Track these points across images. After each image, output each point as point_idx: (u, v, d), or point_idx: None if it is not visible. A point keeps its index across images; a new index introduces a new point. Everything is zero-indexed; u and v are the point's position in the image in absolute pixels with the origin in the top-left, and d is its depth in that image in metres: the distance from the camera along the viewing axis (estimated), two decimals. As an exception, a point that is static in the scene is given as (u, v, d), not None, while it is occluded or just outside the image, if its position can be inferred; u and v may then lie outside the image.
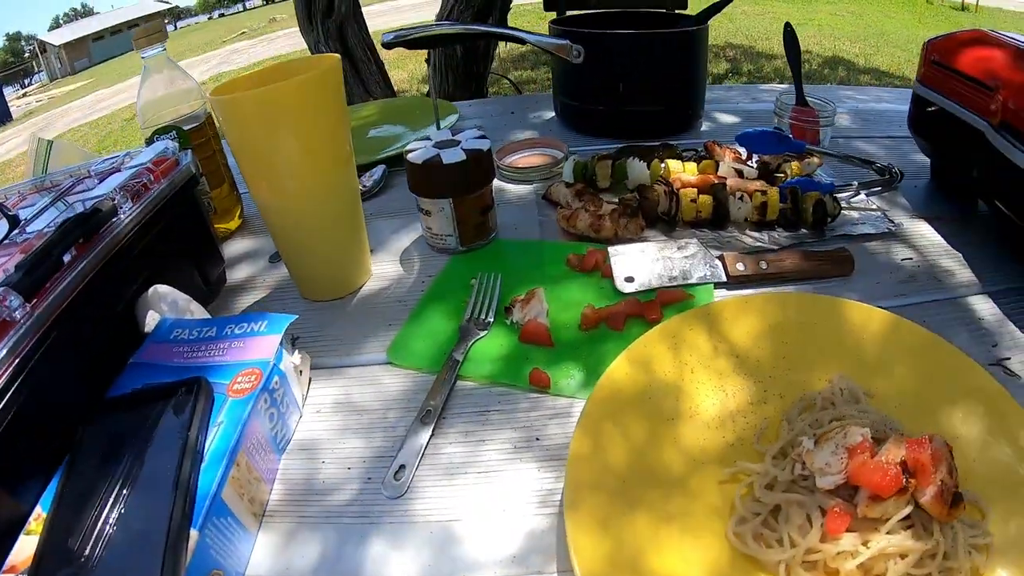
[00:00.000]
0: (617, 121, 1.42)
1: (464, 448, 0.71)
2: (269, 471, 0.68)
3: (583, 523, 0.57)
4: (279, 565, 0.60)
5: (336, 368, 0.83)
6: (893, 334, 0.74)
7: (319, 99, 0.83)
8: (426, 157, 0.96)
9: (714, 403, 0.71)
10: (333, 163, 0.88)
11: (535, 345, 0.82)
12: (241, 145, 0.84)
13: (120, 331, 0.77)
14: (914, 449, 0.57)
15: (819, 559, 0.56)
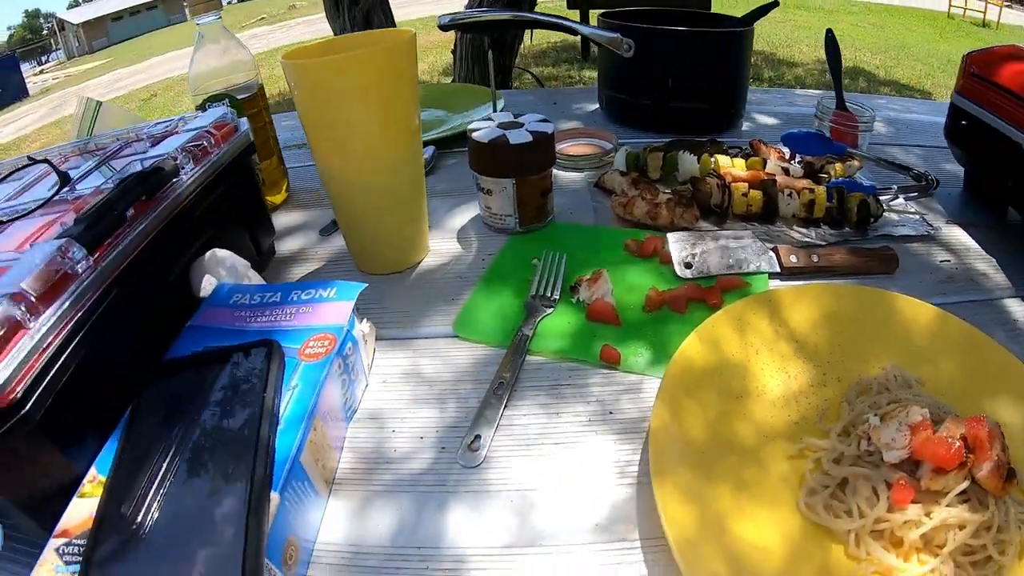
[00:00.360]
0: (664, 116, 1.44)
1: (538, 420, 0.72)
2: (338, 438, 0.68)
3: (669, 491, 0.59)
4: (354, 532, 0.61)
5: (400, 340, 0.85)
6: (939, 328, 0.77)
7: (397, 70, 0.84)
8: (492, 136, 0.98)
9: (778, 384, 0.74)
10: (405, 135, 0.89)
11: (602, 324, 0.84)
12: (313, 112, 0.84)
13: (177, 294, 0.77)
14: (972, 426, 0.60)
15: (886, 528, 0.59)
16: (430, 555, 0.58)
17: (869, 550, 0.58)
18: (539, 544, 0.60)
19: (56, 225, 0.67)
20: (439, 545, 0.59)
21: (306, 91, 0.83)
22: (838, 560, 0.59)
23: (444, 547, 0.59)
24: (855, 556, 0.58)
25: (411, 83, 0.88)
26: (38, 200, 0.76)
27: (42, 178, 0.85)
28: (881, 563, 0.57)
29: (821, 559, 0.59)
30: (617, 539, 0.60)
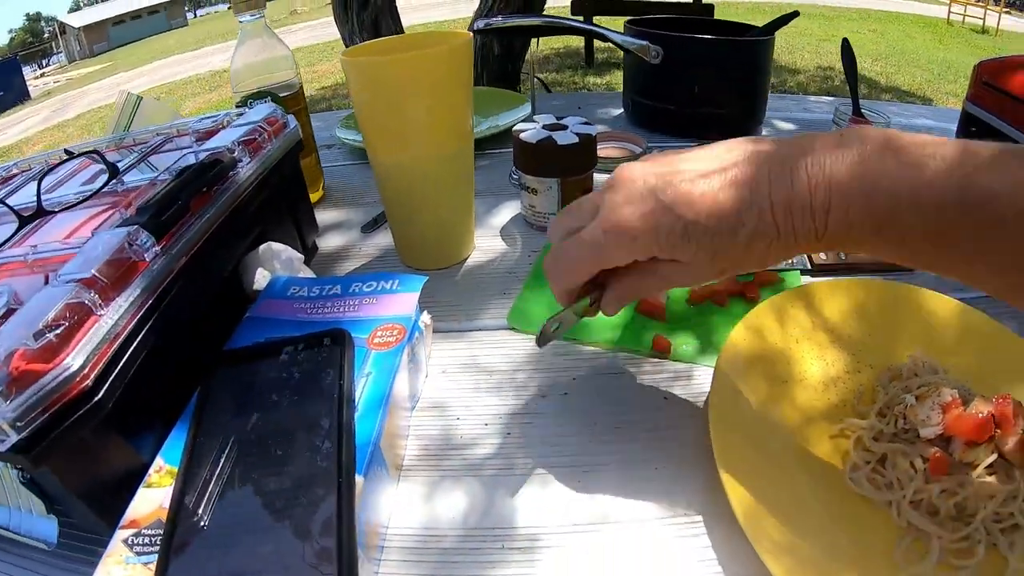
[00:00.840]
0: (689, 121, 1.48)
1: (598, 406, 0.76)
2: (404, 427, 0.70)
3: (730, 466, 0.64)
4: (426, 516, 0.63)
5: (456, 332, 0.88)
6: (961, 320, 0.83)
7: (455, 70, 0.88)
8: (539, 137, 1.02)
9: (817, 370, 0.79)
10: (459, 134, 0.93)
11: (650, 318, 0.88)
12: (375, 108, 0.87)
13: (234, 286, 0.79)
14: (1000, 404, 0.66)
15: (924, 498, 0.64)
16: (505, 535, 0.61)
17: (910, 519, 0.63)
18: (608, 521, 0.63)
19: (112, 214, 0.68)
20: (514, 524, 0.62)
21: (366, 87, 0.87)
22: (882, 529, 0.64)
23: (518, 526, 0.62)
24: (896, 524, 0.64)
25: (467, 83, 0.92)
26: (82, 192, 0.79)
27: (77, 172, 0.89)
28: (922, 530, 0.62)
29: (867, 528, 0.64)
30: (681, 515, 0.64)
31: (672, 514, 0.64)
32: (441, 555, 0.59)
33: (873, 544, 0.63)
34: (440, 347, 0.86)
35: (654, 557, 0.61)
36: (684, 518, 0.64)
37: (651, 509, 0.65)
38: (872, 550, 0.62)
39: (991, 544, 0.62)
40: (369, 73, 0.86)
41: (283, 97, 1.14)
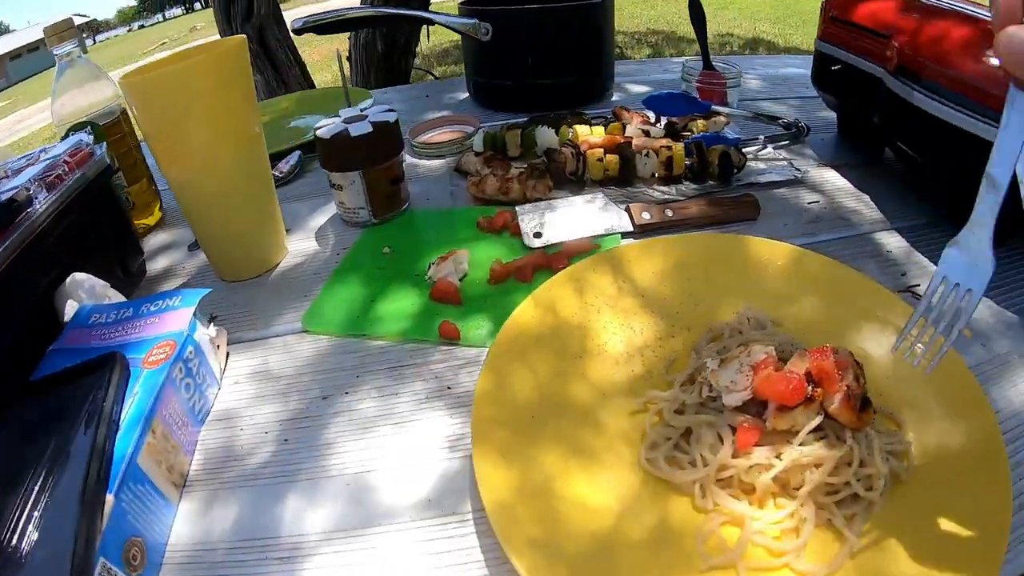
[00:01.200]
0: (528, 95, 1.44)
1: (377, 403, 0.72)
2: (188, 442, 0.68)
3: (490, 456, 0.58)
4: (199, 531, 0.60)
5: (254, 340, 0.84)
6: (797, 265, 0.77)
7: (224, 77, 0.84)
8: (334, 132, 0.97)
9: (621, 340, 0.73)
10: (240, 141, 0.89)
11: (445, 303, 0.84)
12: (151, 126, 0.84)
13: (40, 320, 0.77)
14: (816, 358, 0.59)
15: (733, 475, 0.57)
16: (269, 544, 0.59)
17: (716, 500, 0.57)
18: (374, 524, 0.60)
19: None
20: (278, 534, 0.59)
21: (140, 106, 0.83)
22: (684, 515, 0.57)
23: (282, 535, 0.59)
24: (702, 508, 0.57)
25: (245, 88, 0.88)
26: None
27: None
28: (730, 512, 0.56)
29: (663, 514, 0.57)
30: (448, 513, 0.60)
31: (439, 512, 0.60)
32: (209, 569, 0.57)
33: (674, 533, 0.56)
34: (237, 357, 0.82)
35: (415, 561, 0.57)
36: (452, 516, 0.60)
37: (418, 510, 0.61)
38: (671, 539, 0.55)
39: (826, 520, 0.55)
40: (140, 92, 0.82)
41: (104, 125, 1.09)
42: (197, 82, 0.81)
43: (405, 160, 1.20)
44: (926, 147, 0.91)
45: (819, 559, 0.53)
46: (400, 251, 0.96)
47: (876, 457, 0.56)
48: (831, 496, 0.56)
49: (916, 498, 0.56)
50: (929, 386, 0.63)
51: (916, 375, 0.62)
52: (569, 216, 0.97)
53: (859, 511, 0.55)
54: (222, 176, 0.88)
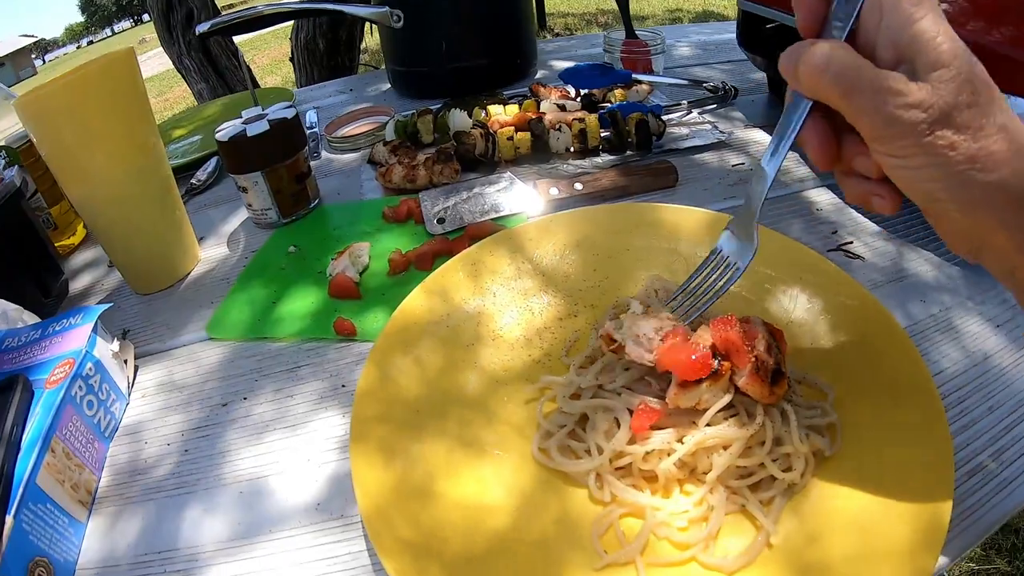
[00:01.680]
0: (447, 80, 1.42)
1: (273, 406, 0.71)
2: (95, 459, 0.67)
3: (368, 456, 0.57)
4: (105, 549, 0.60)
5: (161, 352, 0.82)
6: (711, 231, 0.76)
7: (114, 88, 0.83)
8: (232, 134, 0.95)
9: (519, 323, 0.72)
10: (136, 152, 0.87)
11: (344, 299, 0.82)
12: (46, 146, 0.83)
13: None
14: (720, 329, 0.55)
15: (631, 463, 0.55)
16: (168, 558, 0.58)
17: (613, 490, 0.54)
18: (265, 532, 0.59)
19: None
20: (176, 547, 0.59)
21: (31, 125, 0.81)
22: (581, 508, 0.55)
23: (179, 548, 0.59)
24: (599, 500, 0.54)
25: (135, 97, 0.86)
26: None
27: None
28: (630, 503, 0.53)
29: (559, 509, 0.55)
30: (335, 516, 0.59)
31: (327, 517, 0.59)
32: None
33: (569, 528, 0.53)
34: (146, 370, 0.80)
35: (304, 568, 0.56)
36: (340, 519, 0.59)
37: (308, 514, 0.60)
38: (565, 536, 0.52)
39: (739, 506, 0.52)
40: (30, 112, 0.80)
41: (19, 148, 1.07)
42: (85, 95, 0.80)
43: (320, 156, 1.19)
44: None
45: (732, 550, 0.50)
46: (306, 249, 0.95)
47: (793, 434, 0.53)
48: (744, 480, 0.53)
49: (846, 476, 0.53)
50: (860, 351, 0.62)
51: (844, 341, 0.61)
52: (474, 199, 0.96)
53: (777, 495, 0.52)
54: (120, 190, 0.87)
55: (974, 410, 0.61)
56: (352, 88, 1.68)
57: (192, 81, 3.24)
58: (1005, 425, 0.59)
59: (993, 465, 0.56)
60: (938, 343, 0.68)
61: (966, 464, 0.56)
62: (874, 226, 0.85)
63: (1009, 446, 0.57)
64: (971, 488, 0.54)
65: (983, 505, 0.53)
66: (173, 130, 1.51)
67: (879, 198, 0.48)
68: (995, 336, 0.68)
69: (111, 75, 0.82)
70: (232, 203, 1.15)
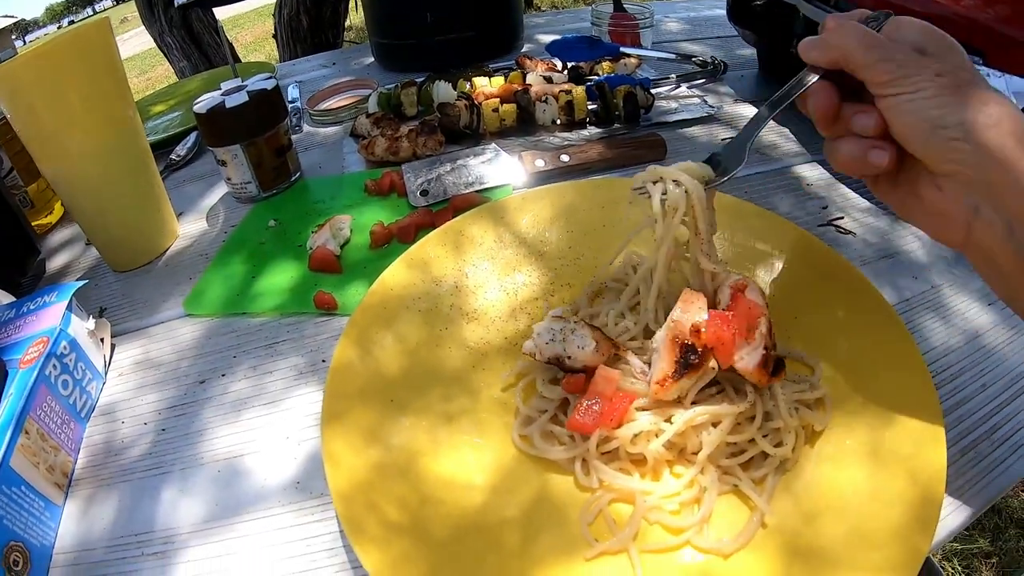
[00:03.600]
0: (431, 53, 1.39)
1: (250, 382, 0.69)
2: (71, 440, 0.65)
3: (345, 435, 0.55)
4: (81, 532, 0.58)
5: (139, 330, 0.81)
6: None
7: (87, 60, 0.80)
8: (211, 105, 0.93)
9: (500, 298, 0.70)
10: (111, 125, 0.85)
11: (325, 273, 0.81)
12: (19, 121, 0.81)
13: None
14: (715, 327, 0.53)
15: (618, 446, 0.53)
16: (145, 540, 0.57)
17: (601, 476, 0.52)
18: (243, 512, 0.58)
19: None
20: (152, 528, 0.57)
21: (6, 101, 0.79)
22: (568, 495, 0.53)
23: (156, 530, 0.57)
24: (586, 486, 0.53)
25: (110, 69, 0.84)
26: None
27: None
28: (618, 488, 0.52)
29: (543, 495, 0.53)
30: (316, 495, 0.58)
31: (305, 496, 0.58)
32: (90, 569, 0.55)
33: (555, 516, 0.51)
34: (123, 349, 0.78)
35: (283, 549, 0.54)
36: (319, 499, 0.58)
37: (287, 494, 0.58)
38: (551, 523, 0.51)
39: (732, 486, 0.51)
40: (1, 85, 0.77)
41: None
42: (58, 67, 0.77)
43: (302, 130, 1.17)
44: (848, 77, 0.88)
45: (726, 532, 0.49)
46: (286, 223, 0.93)
47: (783, 409, 0.52)
48: (735, 458, 0.52)
49: (837, 453, 0.52)
50: (845, 323, 0.60)
51: (830, 313, 0.60)
52: (458, 171, 0.94)
53: (769, 472, 0.51)
54: (96, 165, 0.85)
55: (966, 388, 0.60)
56: (335, 62, 1.65)
57: (174, 59, 3.20)
58: (998, 403, 0.59)
59: (986, 443, 0.55)
60: (930, 320, 0.67)
61: (958, 442, 0.55)
62: (864, 202, 0.84)
63: (1001, 424, 0.57)
64: (963, 467, 0.54)
65: (975, 484, 0.53)
66: (153, 106, 1.48)
67: (877, 151, 0.50)
68: (987, 314, 0.68)
69: (85, 46, 0.80)
70: (211, 178, 1.13)
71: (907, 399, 0.53)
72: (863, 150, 0.51)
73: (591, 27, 1.39)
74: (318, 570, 0.52)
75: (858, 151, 0.51)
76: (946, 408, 0.57)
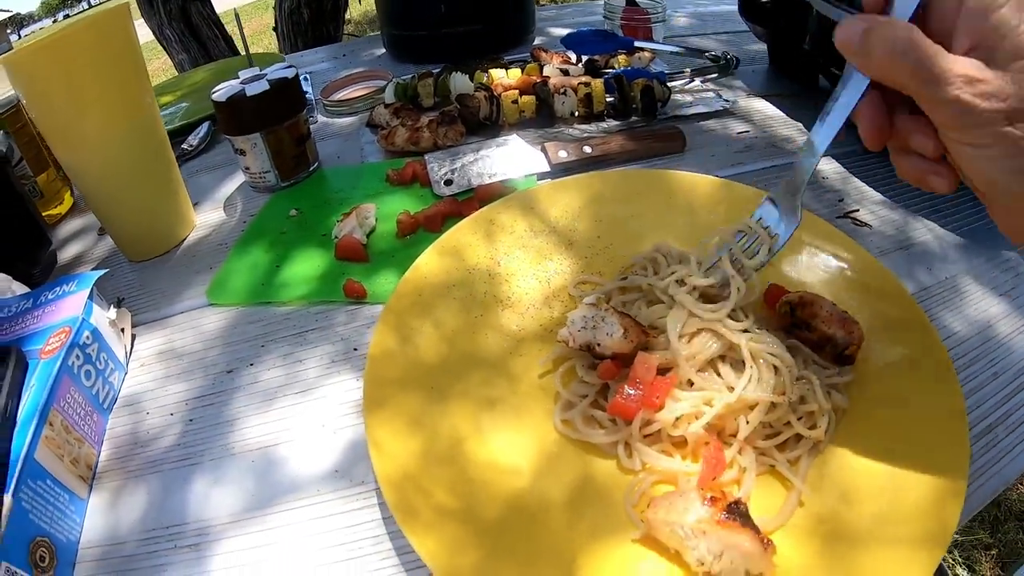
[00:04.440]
0: (444, 44, 1.38)
1: (282, 371, 0.68)
2: (94, 432, 0.64)
3: (387, 421, 0.55)
4: (109, 526, 0.57)
5: (160, 320, 0.80)
6: (721, 196, 0.74)
7: (105, 46, 0.79)
8: (231, 93, 0.92)
9: (533, 285, 0.70)
10: (130, 113, 0.84)
11: (351, 261, 0.80)
12: (36, 107, 0.80)
13: None
14: None
15: (660, 429, 0.53)
16: (177, 533, 0.56)
17: (644, 458, 0.52)
18: (280, 501, 0.57)
19: None
20: (185, 521, 0.56)
21: (21, 85, 0.78)
22: (611, 477, 0.53)
23: (189, 522, 0.56)
24: (629, 469, 0.53)
25: (129, 56, 0.82)
26: None
27: None
28: (661, 471, 0.52)
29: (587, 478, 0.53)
30: (356, 483, 0.57)
31: (346, 484, 0.57)
32: (121, 563, 0.54)
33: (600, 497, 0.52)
34: (143, 339, 0.77)
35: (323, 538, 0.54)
36: (360, 487, 0.57)
37: (325, 482, 0.58)
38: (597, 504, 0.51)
39: (768, 466, 0.52)
40: (19, 71, 0.76)
41: (4, 115, 1.02)
42: (76, 53, 0.76)
43: (317, 121, 1.16)
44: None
45: (766, 511, 0.49)
46: (307, 212, 0.92)
47: (817, 391, 0.53)
48: (771, 440, 0.52)
49: (865, 436, 0.53)
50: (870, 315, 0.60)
51: (857, 305, 0.60)
52: (482, 161, 0.93)
53: (803, 453, 0.52)
54: (114, 152, 0.83)
55: (979, 376, 0.61)
56: (344, 54, 1.64)
57: (173, 52, 3.19)
58: (1009, 391, 0.59)
59: (1000, 429, 0.56)
60: (944, 310, 0.68)
61: (972, 428, 0.55)
62: (878, 195, 0.84)
63: (1012, 411, 0.58)
64: (975, 453, 0.54)
65: (986, 471, 0.53)
66: (160, 97, 1.46)
67: (937, 177, 0.45)
68: (999, 304, 0.68)
69: (103, 30, 0.78)
70: (226, 168, 1.12)
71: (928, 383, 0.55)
72: (922, 172, 0.46)
73: (603, 20, 1.39)
74: (363, 558, 0.52)
75: (917, 171, 0.46)
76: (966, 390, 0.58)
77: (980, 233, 0.77)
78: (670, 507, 0.47)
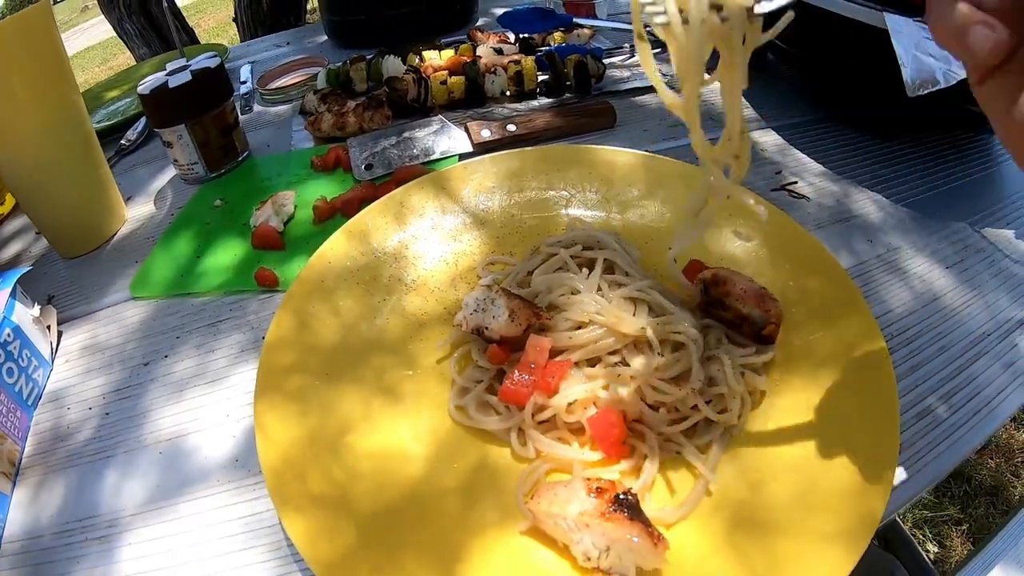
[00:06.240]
0: (384, 27, 1.37)
1: (194, 362, 0.69)
2: (17, 428, 0.65)
3: (279, 408, 0.55)
4: (29, 521, 0.58)
5: (86, 315, 0.80)
6: (643, 171, 0.74)
7: (25, 44, 0.79)
8: (154, 86, 0.92)
9: (440, 267, 0.70)
10: (53, 109, 0.84)
11: (268, 249, 0.80)
12: None
13: None
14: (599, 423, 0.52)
15: (555, 415, 0.53)
16: (88, 525, 0.57)
17: (537, 446, 0.52)
18: (186, 492, 0.58)
19: None
20: (97, 513, 0.57)
21: None
22: (506, 465, 0.53)
23: (100, 514, 0.57)
24: (523, 456, 0.52)
25: (52, 54, 0.82)
26: None
27: None
28: (555, 458, 0.51)
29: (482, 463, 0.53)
30: (256, 472, 0.58)
31: (244, 474, 0.58)
32: (39, 557, 0.55)
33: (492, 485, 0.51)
34: (70, 334, 0.78)
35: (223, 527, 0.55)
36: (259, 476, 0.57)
37: (227, 471, 0.59)
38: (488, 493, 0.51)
39: (674, 453, 0.51)
40: None
41: None
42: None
43: (253, 110, 1.16)
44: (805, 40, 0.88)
45: (669, 501, 0.48)
46: (233, 202, 0.92)
47: (728, 373, 0.52)
48: (677, 425, 0.51)
49: (785, 418, 0.51)
50: (797, 291, 0.60)
51: (781, 279, 0.60)
52: (403, 143, 0.94)
53: (714, 439, 0.51)
54: (39, 149, 0.83)
55: (923, 351, 0.60)
56: (289, 42, 1.63)
57: (135, 46, 3.15)
58: (955, 367, 0.59)
59: (943, 408, 0.55)
60: (886, 284, 0.67)
61: (914, 407, 0.55)
62: (819, 167, 0.84)
63: (959, 388, 0.57)
64: (920, 431, 0.54)
65: (932, 449, 0.53)
66: (107, 92, 1.46)
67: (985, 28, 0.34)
68: (945, 277, 0.68)
69: (26, 29, 0.78)
70: (161, 161, 1.11)
71: (858, 360, 0.53)
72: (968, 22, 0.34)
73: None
74: (258, 547, 0.52)
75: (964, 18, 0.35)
76: (903, 372, 0.58)
77: (928, 205, 0.77)
78: (554, 498, 0.46)
